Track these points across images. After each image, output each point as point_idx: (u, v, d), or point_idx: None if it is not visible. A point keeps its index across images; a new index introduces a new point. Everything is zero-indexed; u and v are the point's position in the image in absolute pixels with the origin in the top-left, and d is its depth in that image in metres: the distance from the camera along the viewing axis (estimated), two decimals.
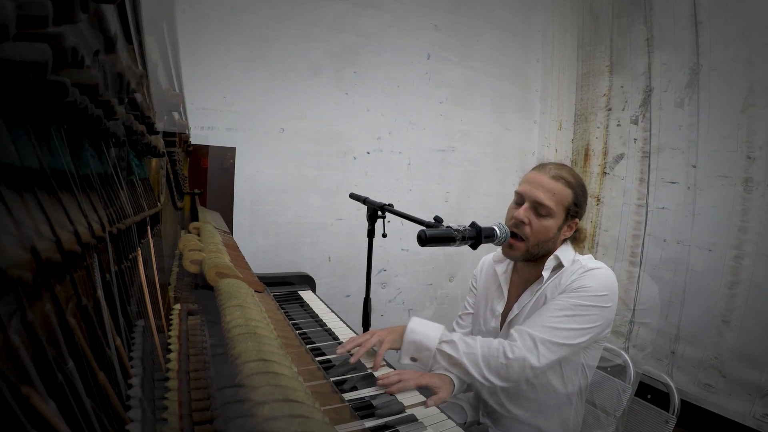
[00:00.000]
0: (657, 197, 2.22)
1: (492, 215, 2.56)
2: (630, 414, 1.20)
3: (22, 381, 0.17)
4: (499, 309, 1.14)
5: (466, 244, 0.96)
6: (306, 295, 1.62)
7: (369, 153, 2.29)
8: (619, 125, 2.42)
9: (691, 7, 2.02)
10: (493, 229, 0.99)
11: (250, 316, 0.57)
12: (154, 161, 0.87)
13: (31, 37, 0.19)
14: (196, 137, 1.86)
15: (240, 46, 1.93)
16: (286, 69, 2.04)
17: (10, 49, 0.18)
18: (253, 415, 0.35)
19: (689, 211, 2.06)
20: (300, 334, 1.17)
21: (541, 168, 1.06)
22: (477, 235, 0.96)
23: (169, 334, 0.58)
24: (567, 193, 1.02)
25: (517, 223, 1.02)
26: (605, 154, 2.50)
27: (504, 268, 1.17)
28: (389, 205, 1.22)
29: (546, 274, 1.05)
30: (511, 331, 0.99)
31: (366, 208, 1.26)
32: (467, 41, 2.51)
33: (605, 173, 2.49)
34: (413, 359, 1.03)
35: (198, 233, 1.21)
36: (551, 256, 1.06)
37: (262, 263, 1.97)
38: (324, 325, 1.30)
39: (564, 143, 2.74)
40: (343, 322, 1.33)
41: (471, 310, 1.26)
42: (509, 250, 1.05)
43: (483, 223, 0.98)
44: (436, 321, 1.05)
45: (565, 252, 1.07)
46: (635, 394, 1.20)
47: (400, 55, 2.31)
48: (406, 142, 2.39)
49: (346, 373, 0.96)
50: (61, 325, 0.24)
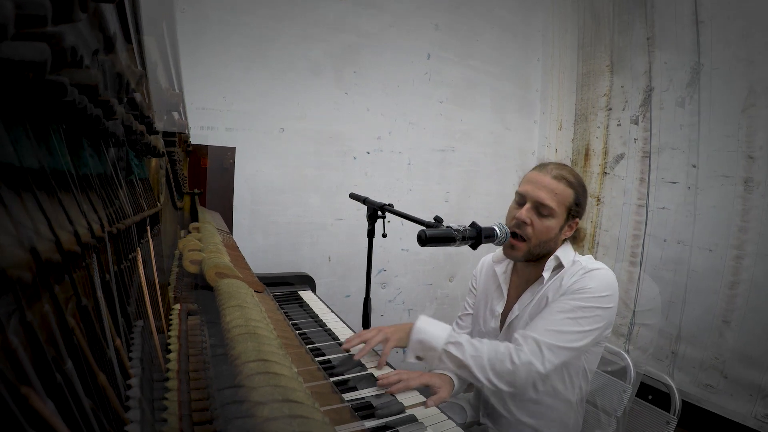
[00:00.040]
0: (657, 197, 2.22)
1: (492, 215, 2.56)
2: (631, 415, 1.20)
3: (20, 381, 0.17)
4: (499, 309, 1.14)
5: (466, 244, 0.95)
6: (306, 295, 1.62)
7: (369, 153, 2.29)
8: (619, 125, 2.42)
9: (692, 6, 2.01)
10: (494, 229, 0.99)
11: (250, 316, 0.57)
12: (153, 161, 0.87)
13: (30, 36, 0.19)
14: (196, 137, 1.86)
15: (240, 45, 1.93)
16: (286, 69, 2.04)
17: (9, 49, 0.18)
18: (252, 415, 0.35)
19: (690, 211, 2.06)
20: (300, 335, 1.17)
21: (542, 168, 1.06)
22: (477, 235, 0.96)
23: (169, 334, 0.58)
24: (569, 193, 1.02)
25: (519, 223, 1.02)
26: (605, 153, 2.49)
27: (504, 268, 1.17)
28: (389, 205, 1.22)
29: (546, 275, 1.05)
30: (515, 335, 0.98)
31: (366, 208, 1.26)
32: (467, 41, 2.51)
33: (605, 173, 2.49)
34: (418, 358, 1.02)
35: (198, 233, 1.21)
36: (551, 257, 1.05)
37: (262, 263, 1.97)
38: (324, 325, 1.30)
39: (564, 143, 2.74)
40: (343, 323, 1.33)
41: (471, 311, 1.26)
42: (511, 251, 1.05)
43: (483, 223, 0.97)
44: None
45: (565, 252, 1.06)
46: (636, 395, 1.20)
47: (400, 55, 2.31)
48: (406, 142, 2.38)
49: (347, 372, 0.96)
50: (60, 325, 0.24)
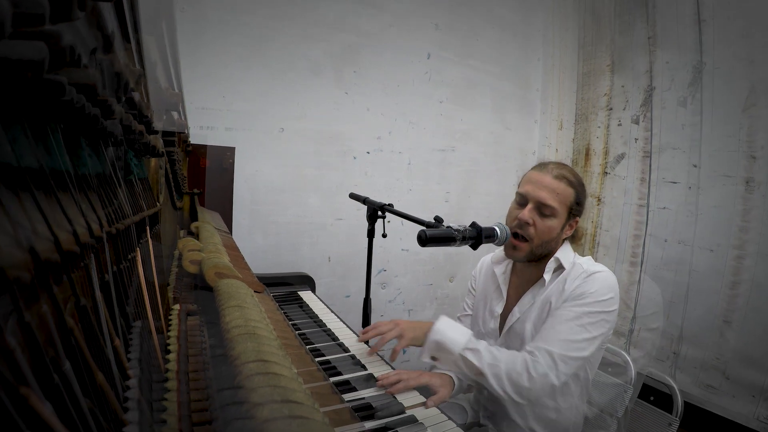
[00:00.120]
0: (658, 197, 2.21)
1: (492, 215, 2.56)
2: (633, 416, 1.20)
3: (18, 383, 0.17)
4: (498, 310, 1.13)
5: (466, 244, 0.95)
6: (306, 295, 1.61)
7: (369, 153, 2.29)
8: (620, 125, 2.41)
9: (694, 5, 2.01)
10: (494, 229, 0.98)
11: (250, 316, 0.57)
12: (153, 161, 0.87)
13: (28, 35, 0.19)
14: (196, 137, 1.86)
15: (240, 45, 1.93)
16: (285, 68, 2.04)
17: (7, 48, 0.18)
18: (252, 416, 0.35)
19: (690, 211, 2.06)
20: (299, 335, 1.17)
21: (542, 168, 1.05)
22: (477, 235, 0.95)
23: (169, 334, 0.57)
24: (569, 193, 1.02)
25: (521, 224, 1.02)
26: (606, 153, 2.49)
27: (503, 269, 1.17)
28: (389, 205, 1.22)
29: (548, 277, 1.04)
30: (528, 348, 0.97)
31: (366, 208, 1.26)
32: (467, 41, 2.51)
33: (606, 173, 2.49)
34: (433, 358, 1.01)
35: (198, 233, 1.20)
36: (551, 259, 1.05)
37: (262, 263, 1.97)
38: (324, 325, 1.30)
39: (565, 143, 2.74)
40: (343, 323, 1.33)
41: (470, 312, 1.25)
42: (513, 251, 1.04)
43: (483, 223, 0.97)
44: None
45: (564, 253, 1.06)
46: (638, 396, 1.20)
47: (400, 55, 2.31)
48: (406, 142, 2.38)
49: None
50: (58, 325, 0.24)
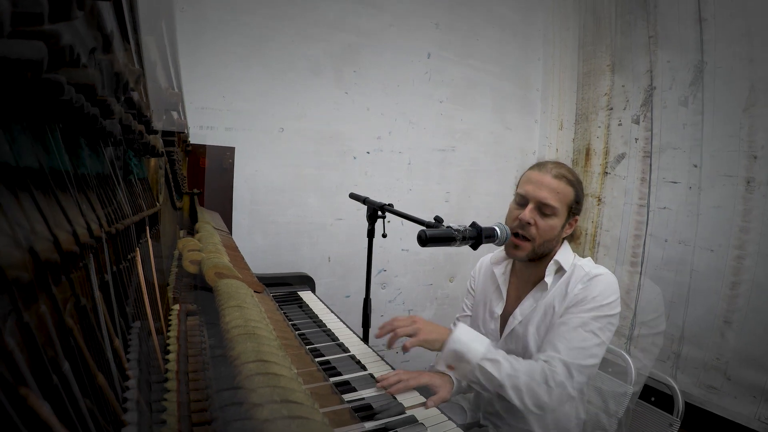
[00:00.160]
0: (658, 197, 2.21)
1: (493, 215, 2.56)
2: (634, 417, 1.20)
3: (17, 383, 0.17)
4: (498, 311, 1.13)
5: (466, 244, 0.95)
6: (305, 295, 1.61)
7: (369, 153, 2.29)
8: (620, 125, 2.41)
9: (695, 3, 2.00)
10: (494, 229, 0.98)
11: (250, 316, 0.56)
12: (152, 161, 0.87)
13: (27, 34, 0.19)
14: (195, 137, 1.86)
15: (239, 45, 1.93)
16: (285, 68, 2.04)
17: (5, 47, 0.18)
18: (252, 416, 0.35)
19: (691, 211, 2.05)
20: (299, 335, 1.17)
21: (541, 167, 1.05)
22: (477, 235, 0.95)
23: (168, 335, 0.57)
24: (569, 192, 1.02)
25: (522, 224, 1.01)
26: (606, 153, 2.49)
27: (502, 269, 1.17)
28: (389, 205, 1.22)
29: (549, 280, 1.04)
30: (542, 358, 0.96)
31: (366, 208, 1.26)
32: (467, 40, 2.51)
33: (606, 173, 2.48)
34: (449, 367, 0.99)
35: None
36: (551, 261, 1.05)
37: (262, 263, 1.96)
38: (324, 325, 1.30)
39: (565, 143, 2.74)
40: (343, 323, 1.33)
41: (469, 313, 1.25)
42: (514, 250, 1.04)
43: (483, 223, 0.97)
44: (435, 321, 1.04)
45: (564, 255, 1.06)
46: (639, 397, 1.19)
47: (400, 55, 2.30)
48: (406, 142, 2.38)
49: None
50: (58, 326, 0.24)
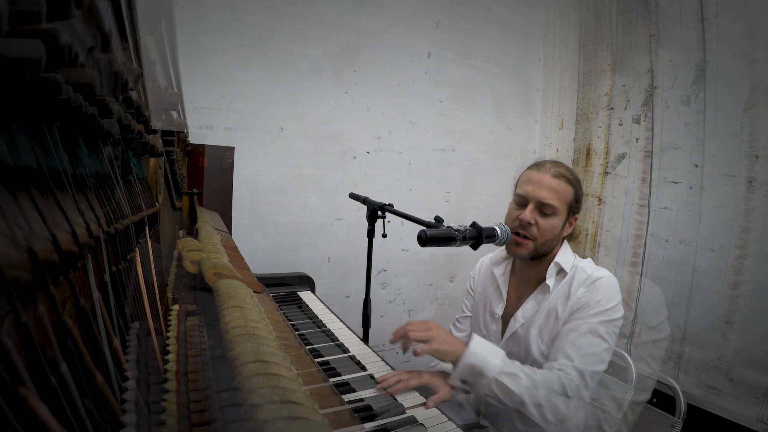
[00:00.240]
0: (659, 197, 2.21)
1: (493, 215, 2.55)
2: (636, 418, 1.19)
3: (15, 384, 0.17)
4: (499, 312, 1.13)
5: (466, 244, 0.95)
6: (305, 295, 1.61)
7: (369, 152, 2.29)
8: (621, 124, 2.41)
9: (697, 2, 2.00)
10: (494, 229, 0.98)
11: (249, 317, 0.56)
12: (152, 161, 0.87)
13: (24, 33, 0.19)
14: (195, 136, 1.86)
15: (239, 44, 1.93)
16: (285, 68, 2.04)
17: (3, 46, 0.18)
18: (251, 417, 0.35)
19: (692, 211, 2.05)
20: (299, 335, 1.17)
21: (540, 167, 1.05)
22: (478, 236, 0.95)
23: (168, 335, 0.57)
24: (569, 190, 1.02)
25: (523, 224, 1.01)
26: (607, 153, 2.49)
27: (502, 269, 1.16)
28: (389, 205, 1.22)
29: (551, 283, 1.04)
30: (555, 366, 0.95)
31: (366, 208, 1.26)
32: (468, 40, 2.51)
33: (607, 173, 2.48)
34: (463, 381, 0.96)
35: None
36: (552, 263, 1.05)
37: (261, 264, 1.96)
38: (323, 326, 1.30)
39: (565, 143, 2.73)
40: (343, 323, 1.33)
41: (469, 313, 1.25)
42: (516, 248, 1.04)
43: (484, 223, 0.97)
44: (436, 322, 1.03)
45: (565, 256, 1.06)
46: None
47: (400, 54, 2.30)
48: (406, 142, 2.38)
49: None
50: (57, 326, 0.24)
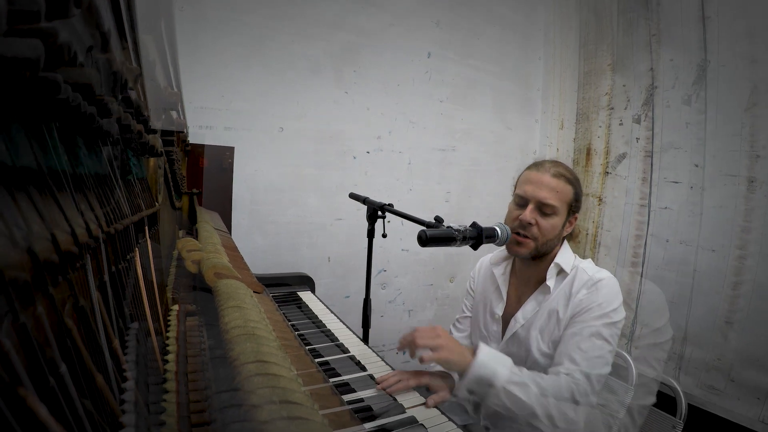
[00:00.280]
0: (659, 197, 2.20)
1: (493, 215, 2.55)
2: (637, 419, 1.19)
3: (13, 384, 0.17)
4: (499, 312, 1.13)
5: (466, 244, 0.95)
6: (305, 295, 1.61)
7: (369, 152, 2.29)
8: (621, 124, 2.40)
9: (698, 1, 1.99)
10: (494, 229, 0.98)
11: (249, 317, 0.56)
12: (152, 161, 0.87)
13: (23, 32, 0.19)
14: (195, 136, 1.86)
15: (239, 44, 1.93)
16: (285, 68, 2.04)
17: (1, 45, 0.17)
18: (251, 417, 0.35)
19: (692, 211, 2.05)
20: (299, 336, 1.17)
21: (539, 167, 1.05)
22: (478, 236, 0.95)
23: (167, 335, 0.57)
24: (568, 190, 1.02)
25: (523, 224, 1.01)
26: (607, 153, 2.48)
27: (502, 270, 1.16)
28: (389, 204, 1.22)
29: (551, 284, 1.04)
30: (562, 371, 0.94)
31: (366, 208, 1.26)
32: (468, 39, 2.50)
33: (607, 173, 2.48)
34: (470, 392, 0.94)
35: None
36: (552, 264, 1.05)
37: (261, 264, 1.96)
38: (323, 326, 1.30)
39: (566, 142, 2.73)
40: (343, 323, 1.33)
41: (469, 314, 1.25)
42: (518, 248, 1.03)
43: (484, 223, 0.97)
44: (436, 322, 1.03)
45: (565, 256, 1.06)
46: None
47: (400, 54, 2.30)
48: (407, 142, 2.38)
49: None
50: (57, 327, 0.24)
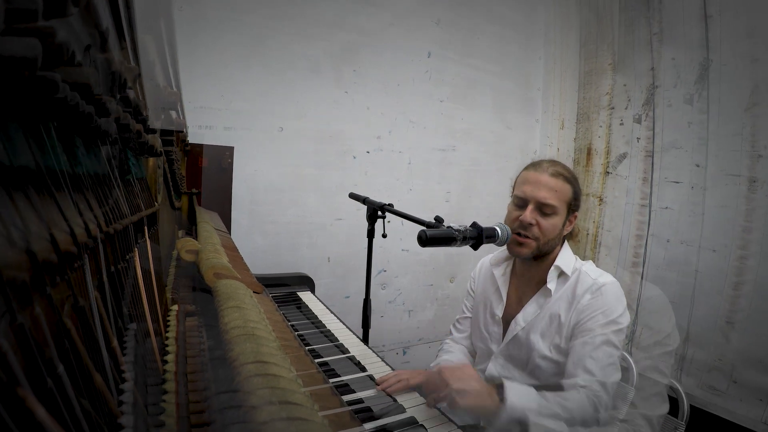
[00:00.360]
0: (660, 197, 2.20)
1: (493, 215, 2.55)
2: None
3: (11, 385, 0.17)
4: (499, 313, 1.13)
5: (467, 244, 0.95)
6: (305, 296, 1.61)
7: (369, 152, 2.29)
8: (621, 124, 2.40)
9: (700, 0, 1.99)
10: (495, 229, 0.98)
11: (249, 317, 0.56)
12: (151, 160, 0.86)
13: (21, 31, 0.19)
14: (194, 136, 1.85)
15: (238, 44, 1.92)
16: (285, 68, 2.03)
17: None
18: (251, 418, 0.35)
19: (693, 211, 2.05)
20: (298, 336, 1.17)
21: (537, 167, 1.05)
22: (478, 236, 0.95)
23: (167, 335, 0.57)
24: (567, 189, 1.02)
25: (524, 225, 1.01)
26: (608, 153, 2.48)
27: (502, 270, 1.16)
28: (389, 204, 1.21)
29: (552, 287, 1.04)
30: (580, 383, 0.92)
31: (366, 208, 1.26)
32: (468, 39, 2.50)
33: (608, 173, 2.47)
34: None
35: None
36: (553, 267, 1.04)
37: (261, 264, 1.96)
38: (323, 326, 1.30)
39: (566, 142, 2.73)
40: (343, 324, 1.33)
41: (469, 314, 1.25)
42: (518, 248, 1.03)
43: (484, 223, 0.97)
44: (436, 322, 1.03)
45: (565, 258, 1.05)
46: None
47: (400, 54, 2.30)
48: (407, 141, 2.38)
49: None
50: (55, 327, 0.24)
